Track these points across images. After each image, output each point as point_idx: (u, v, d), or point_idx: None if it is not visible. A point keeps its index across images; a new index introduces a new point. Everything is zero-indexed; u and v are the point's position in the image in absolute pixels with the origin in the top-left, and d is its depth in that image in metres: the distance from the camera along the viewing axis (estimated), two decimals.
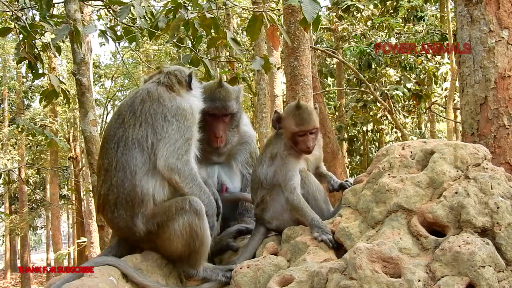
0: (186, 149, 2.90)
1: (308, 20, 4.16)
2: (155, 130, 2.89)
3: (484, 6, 3.98)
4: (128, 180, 2.84)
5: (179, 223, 2.82)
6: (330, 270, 2.37)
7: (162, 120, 2.91)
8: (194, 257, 2.86)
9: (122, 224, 2.91)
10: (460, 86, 4.24)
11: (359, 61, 14.76)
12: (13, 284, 25.40)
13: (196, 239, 2.82)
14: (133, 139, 2.88)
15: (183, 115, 2.95)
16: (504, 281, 2.19)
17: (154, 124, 2.90)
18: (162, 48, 21.36)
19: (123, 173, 2.85)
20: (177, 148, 2.88)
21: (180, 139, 2.90)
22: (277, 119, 3.13)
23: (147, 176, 2.85)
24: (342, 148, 17.26)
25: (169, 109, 2.94)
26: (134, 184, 2.83)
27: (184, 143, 2.90)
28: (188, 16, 4.92)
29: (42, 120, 21.62)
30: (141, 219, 2.86)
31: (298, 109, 3.05)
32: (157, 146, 2.87)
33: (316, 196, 3.02)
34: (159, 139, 2.88)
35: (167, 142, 2.87)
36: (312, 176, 3.08)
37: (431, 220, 2.46)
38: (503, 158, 3.84)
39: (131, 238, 2.96)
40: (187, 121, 2.95)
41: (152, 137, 2.88)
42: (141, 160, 2.85)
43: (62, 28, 4.88)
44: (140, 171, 2.84)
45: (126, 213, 2.86)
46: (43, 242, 39.28)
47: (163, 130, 2.89)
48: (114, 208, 2.88)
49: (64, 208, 29.27)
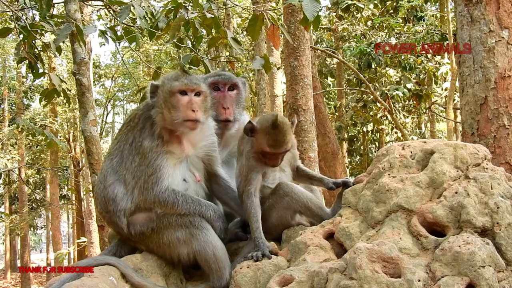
0: (152, 181, 2.91)
1: (308, 19, 4.16)
2: (123, 157, 3.03)
3: (484, 6, 3.98)
4: (102, 182, 3.06)
5: (182, 234, 2.88)
6: (330, 270, 2.37)
7: (129, 152, 3.01)
8: (216, 268, 2.87)
9: (107, 219, 3.06)
10: (460, 86, 4.24)
11: (359, 61, 14.76)
12: (13, 284, 25.39)
13: (204, 252, 2.85)
14: (110, 153, 3.12)
15: (143, 154, 2.95)
16: (504, 281, 2.19)
17: (123, 153, 3.03)
18: (162, 48, 21.36)
19: (101, 174, 3.12)
20: (142, 183, 2.92)
21: (143, 175, 2.92)
22: (250, 130, 2.96)
23: (117, 182, 3.00)
24: (342, 148, 17.25)
25: (135, 144, 3.01)
26: (106, 185, 3.02)
27: (149, 177, 2.91)
28: (188, 16, 4.92)
29: (42, 120, 21.63)
30: (122, 215, 2.96)
31: (274, 129, 2.85)
32: (125, 174, 2.98)
33: (309, 206, 2.97)
34: (126, 169, 2.99)
35: (132, 175, 2.96)
36: (297, 187, 2.99)
37: (431, 220, 2.46)
38: (503, 158, 3.84)
39: (122, 233, 3.03)
40: (146, 159, 2.94)
41: (119, 160, 3.04)
42: (111, 172, 3.04)
43: (64, 28, 4.88)
44: (110, 178, 3.02)
45: (103, 207, 3.03)
46: (43, 242, 39.26)
47: (128, 162, 2.99)
48: (98, 202, 3.10)
49: (64, 208, 29.27)
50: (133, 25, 6.39)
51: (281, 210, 2.98)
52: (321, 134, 11.55)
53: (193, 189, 3.05)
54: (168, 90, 2.97)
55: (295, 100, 7.10)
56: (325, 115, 12.13)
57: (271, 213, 3.00)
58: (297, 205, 2.95)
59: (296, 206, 2.96)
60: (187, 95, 2.98)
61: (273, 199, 2.99)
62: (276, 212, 2.99)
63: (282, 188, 2.97)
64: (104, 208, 3.02)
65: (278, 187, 2.99)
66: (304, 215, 3.04)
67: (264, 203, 3.00)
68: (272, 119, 2.88)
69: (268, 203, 3.00)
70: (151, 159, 2.92)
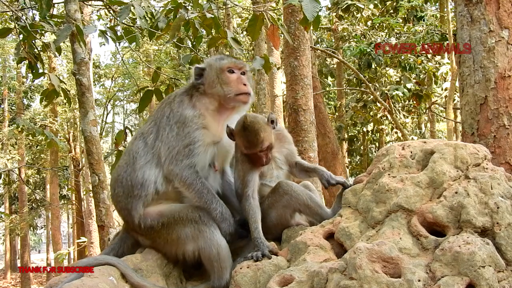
0: (186, 154, 2.93)
1: (308, 19, 4.17)
2: (159, 130, 3.04)
3: (484, 6, 3.98)
4: (130, 164, 3.03)
5: (191, 229, 2.88)
6: (330, 270, 2.37)
7: (166, 123, 3.03)
8: (218, 267, 2.88)
9: (122, 205, 3.00)
10: (460, 86, 4.24)
11: (359, 61, 14.76)
12: (13, 284, 25.39)
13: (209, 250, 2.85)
14: (142, 132, 3.11)
15: (183, 122, 3.00)
16: (504, 281, 2.19)
17: (160, 126, 3.05)
18: (162, 48, 21.37)
19: (128, 156, 3.08)
20: (175, 153, 2.94)
21: (179, 145, 2.95)
22: (230, 134, 2.98)
23: (150, 164, 2.98)
24: (342, 148, 17.26)
25: (174, 114, 3.05)
26: (135, 168, 2.99)
27: (183, 149, 2.94)
28: (188, 16, 4.93)
29: (42, 120, 21.62)
30: (141, 204, 2.94)
31: (244, 130, 2.86)
32: (160, 147, 2.99)
33: (309, 204, 2.96)
34: (160, 141, 3.00)
35: (167, 146, 2.97)
36: (296, 186, 2.99)
37: (431, 220, 2.46)
38: (503, 158, 3.84)
39: (131, 224, 3.00)
40: (186, 128, 2.98)
41: (154, 135, 3.04)
42: (143, 150, 3.02)
43: (64, 28, 4.88)
44: (141, 159, 3.00)
45: (124, 192, 2.98)
46: (43, 242, 39.25)
47: (164, 133, 3.00)
48: (116, 185, 3.05)
49: (64, 208, 29.26)
50: (133, 25, 6.40)
51: (280, 208, 2.98)
52: (321, 134, 11.55)
53: (212, 178, 3.09)
54: (219, 67, 3.14)
55: (295, 100, 7.10)
56: (325, 115, 12.13)
57: (271, 212, 3.00)
58: (297, 204, 2.95)
59: (295, 205, 2.96)
60: (234, 73, 3.14)
61: (272, 198, 2.99)
62: (275, 210, 2.99)
63: (281, 186, 2.97)
64: (127, 193, 2.98)
65: (277, 186, 3.00)
66: (304, 214, 3.04)
67: (263, 202, 3.00)
68: (242, 120, 2.90)
69: (268, 202, 3.00)
70: (190, 129, 2.98)
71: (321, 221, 2.91)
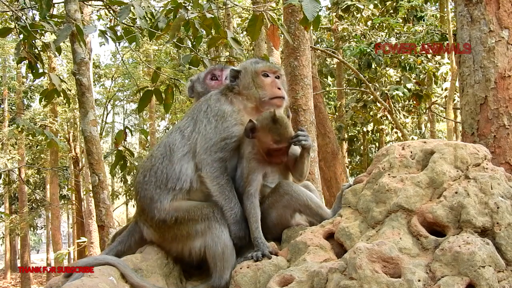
0: (221, 147, 2.98)
1: (308, 19, 4.17)
2: (196, 123, 3.08)
3: (484, 6, 3.98)
4: (167, 156, 3.03)
5: (201, 226, 2.88)
6: (330, 270, 2.37)
7: (204, 116, 3.08)
8: (220, 266, 2.87)
9: (148, 193, 2.98)
10: (460, 86, 4.24)
11: (359, 61, 14.76)
12: (13, 284, 25.39)
13: (215, 248, 2.86)
14: (179, 126, 3.15)
15: (222, 116, 3.05)
16: (504, 281, 2.19)
17: (197, 119, 3.09)
18: (162, 48, 21.37)
19: (164, 148, 3.07)
20: (211, 145, 2.97)
21: (216, 137, 2.99)
22: (251, 129, 2.96)
23: (187, 158, 3.00)
24: (342, 148, 17.25)
25: (212, 109, 3.10)
26: (172, 160, 3.00)
27: (220, 142, 2.98)
28: (188, 16, 4.92)
29: (42, 120, 21.61)
30: (170, 197, 2.94)
31: (275, 123, 2.90)
32: (197, 138, 3.03)
33: (309, 204, 2.95)
34: (198, 132, 3.04)
35: (204, 138, 3.00)
36: (297, 186, 2.99)
37: (431, 220, 2.46)
38: (503, 158, 3.84)
39: (146, 213, 2.98)
40: (225, 122, 3.03)
41: (191, 128, 3.08)
42: (180, 142, 3.04)
43: (64, 28, 4.88)
44: (179, 151, 3.01)
45: (156, 181, 2.97)
46: (43, 242, 39.25)
47: (202, 125, 3.04)
48: (148, 173, 3.02)
49: (64, 208, 29.26)
50: (133, 25, 6.40)
51: (280, 208, 2.98)
52: (321, 134, 11.55)
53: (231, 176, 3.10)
54: (254, 71, 3.17)
55: (295, 100, 7.10)
56: (325, 115, 12.13)
57: (271, 212, 3.00)
58: (297, 204, 2.95)
59: (295, 205, 2.96)
60: (269, 77, 3.18)
61: (272, 198, 2.99)
62: (275, 211, 2.99)
63: (282, 186, 2.97)
64: (159, 184, 2.96)
65: (278, 186, 3.00)
66: (304, 214, 3.04)
67: (263, 202, 3.00)
68: (271, 115, 2.93)
69: (268, 202, 3.00)
70: (229, 123, 3.02)
71: (321, 221, 2.91)
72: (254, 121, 2.96)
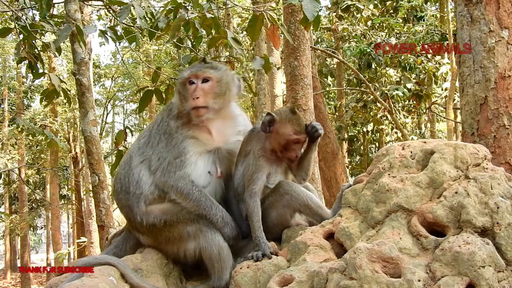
0: (177, 165, 2.90)
1: (308, 19, 4.16)
2: (151, 136, 3.05)
3: (484, 6, 3.98)
4: (127, 162, 3.07)
5: (192, 228, 2.88)
6: (330, 270, 2.37)
7: (157, 132, 3.03)
8: (218, 267, 2.87)
9: (123, 202, 3.01)
10: (460, 86, 4.24)
11: (359, 61, 14.76)
12: (13, 284, 25.39)
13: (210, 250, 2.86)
14: (139, 134, 3.20)
15: (170, 133, 2.97)
16: (504, 281, 2.19)
17: (152, 132, 3.06)
18: (162, 48, 21.36)
19: (126, 155, 3.15)
20: (166, 165, 2.91)
21: (168, 157, 2.92)
22: (269, 122, 2.97)
23: (143, 165, 2.99)
24: (342, 148, 17.25)
25: (163, 123, 3.04)
26: (131, 166, 3.02)
27: (174, 160, 2.90)
28: (188, 16, 4.92)
29: (42, 120, 21.61)
30: (142, 201, 2.93)
31: (294, 114, 2.98)
32: (151, 155, 2.99)
33: (309, 204, 2.96)
34: (151, 148, 3.00)
35: (157, 157, 2.96)
36: (297, 186, 3.00)
37: (431, 220, 2.46)
38: (503, 158, 3.83)
39: (133, 221, 2.99)
40: (173, 140, 2.95)
41: (146, 140, 3.06)
42: (138, 152, 3.04)
43: (64, 28, 4.88)
44: (136, 158, 3.02)
45: (122, 188, 3.00)
46: (43, 242, 39.24)
47: (155, 141, 3.00)
48: (115, 181, 3.10)
49: (64, 208, 29.25)
50: (133, 25, 6.39)
51: (280, 208, 2.98)
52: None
53: (214, 184, 3.04)
54: (180, 81, 3.04)
55: (295, 100, 7.10)
56: (325, 115, 12.13)
57: (271, 212, 3.00)
58: (297, 204, 2.95)
59: (295, 205, 2.96)
60: (194, 83, 2.98)
61: (273, 198, 2.99)
62: (275, 210, 2.99)
63: (282, 186, 2.98)
64: (125, 190, 2.98)
65: (278, 186, 3.00)
66: (304, 214, 3.04)
67: (263, 202, 3.00)
68: (289, 107, 3.06)
69: (268, 202, 3.00)
70: (176, 140, 2.93)
71: (321, 221, 2.91)
72: (272, 114, 3.00)
